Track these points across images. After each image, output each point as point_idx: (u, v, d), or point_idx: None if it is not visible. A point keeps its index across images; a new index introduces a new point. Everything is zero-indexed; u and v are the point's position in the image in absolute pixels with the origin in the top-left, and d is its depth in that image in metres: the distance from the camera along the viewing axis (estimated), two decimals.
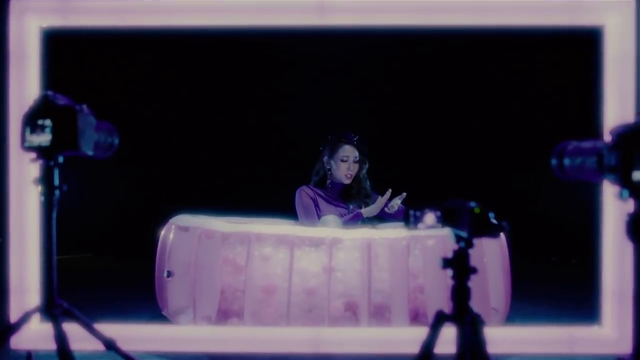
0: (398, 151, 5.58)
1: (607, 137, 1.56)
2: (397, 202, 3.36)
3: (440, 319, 1.75)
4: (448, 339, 1.71)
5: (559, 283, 4.73)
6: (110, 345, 1.98)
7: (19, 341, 2.55)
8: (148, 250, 3.52)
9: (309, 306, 2.95)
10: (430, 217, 1.75)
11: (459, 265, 1.72)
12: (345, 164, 3.50)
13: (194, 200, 4.27)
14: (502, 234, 2.61)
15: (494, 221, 1.66)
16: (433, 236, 2.89)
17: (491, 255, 2.99)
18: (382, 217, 3.57)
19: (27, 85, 2.54)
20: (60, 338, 1.72)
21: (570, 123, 4.42)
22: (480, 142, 5.70)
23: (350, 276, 2.95)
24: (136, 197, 5.68)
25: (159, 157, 5.73)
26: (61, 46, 2.85)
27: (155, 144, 5.70)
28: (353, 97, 5.65)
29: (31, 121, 1.77)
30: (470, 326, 1.71)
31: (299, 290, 2.94)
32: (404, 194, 3.36)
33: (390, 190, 3.34)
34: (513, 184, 5.65)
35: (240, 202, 3.75)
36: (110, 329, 2.15)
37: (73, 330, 1.92)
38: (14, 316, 2.58)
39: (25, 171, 2.51)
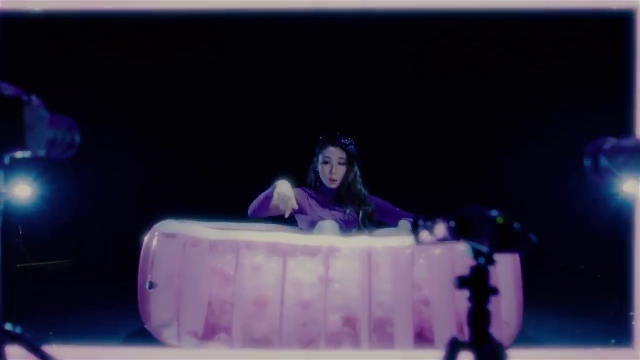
0: (404, 150, 5.24)
1: None
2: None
3: (454, 347, 1.50)
4: None
5: (573, 292, 4.46)
6: None
7: None
8: (131, 257, 3.27)
9: (303, 320, 2.75)
10: (441, 228, 1.49)
11: (478, 285, 1.46)
12: (327, 166, 3.33)
13: (181, 204, 4.03)
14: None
15: (520, 233, 1.39)
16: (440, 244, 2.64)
17: (501, 263, 2.76)
18: (380, 221, 3.38)
19: None
20: None
21: (594, 118, 4.08)
22: (493, 141, 5.31)
23: (348, 288, 2.73)
24: (118, 200, 5.33)
25: (142, 157, 5.38)
26: (21, 31, 2.59)
27: (138, 142, 5.33)
28: (355, 91, 5.30)
29: None
30: (490, 356, 1.45)
31: (292, 303, 2.72)
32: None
33: None
34: (521, 184, 5.31)
35: (230, 205, 3.50)
36: (78, 352, 1.92)
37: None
38: None
39: None
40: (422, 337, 2.75)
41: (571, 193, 4.75)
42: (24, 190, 4.52)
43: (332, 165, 3.32)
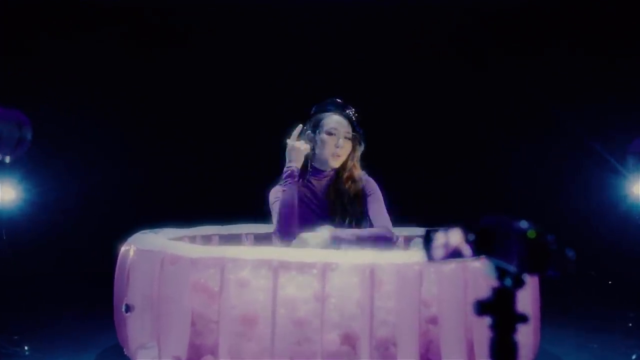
0: (412, 153, 4.98)
1: None
2: None
3: None
4: None
5: (585, 301, 4.22)
6: None
7: None
8: (106, 270, 3.04)
9: (297, 339, 2.51)
10: (457, 242, 1.24)
11: (503, 312, 1.23)
12: (333, 138, 2.73)
13: (162, 206, 3.81)
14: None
15: (556, 250, 1.14)
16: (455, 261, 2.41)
17: None
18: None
19: None
20: None
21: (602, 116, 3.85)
22: (499, 138, 5.05)
23: (347, 303, 2.49)
24: (92, 206, 5.04)
25: (121, 159, 5.10)
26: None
27: (115, 142, 5.06)
28: (355, 85, 5.06)
29: None
30: None
31: (285, 321, 2.49)
32: None
33: None
34: (525, 184, 5.06)
35: (215, 206, 3.31)
36: None
37: None
38: None
39: None
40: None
41: (579, 195, 4.55)
42: (8, 193, 4.30)
43: (339, 138, 2.74)
